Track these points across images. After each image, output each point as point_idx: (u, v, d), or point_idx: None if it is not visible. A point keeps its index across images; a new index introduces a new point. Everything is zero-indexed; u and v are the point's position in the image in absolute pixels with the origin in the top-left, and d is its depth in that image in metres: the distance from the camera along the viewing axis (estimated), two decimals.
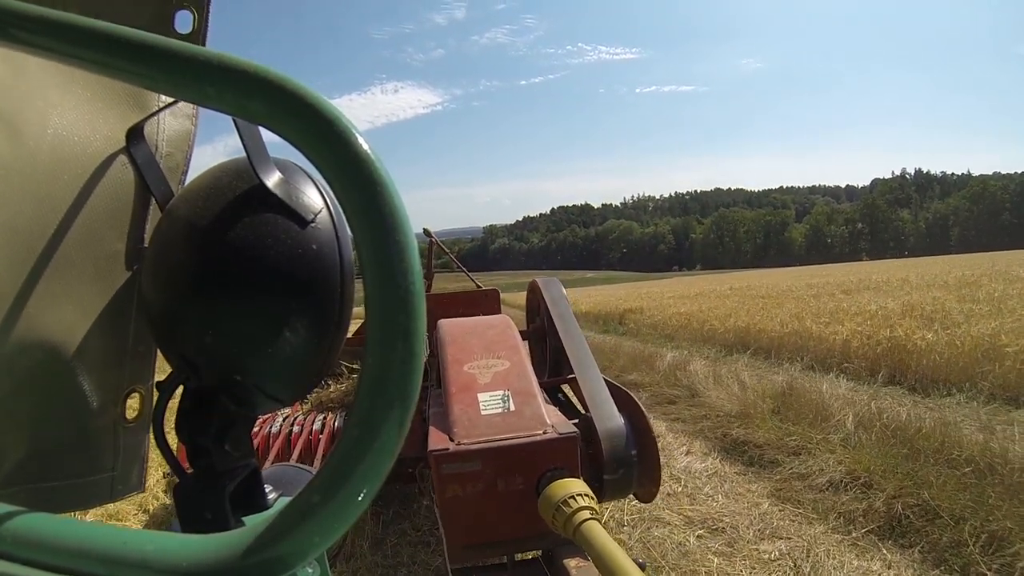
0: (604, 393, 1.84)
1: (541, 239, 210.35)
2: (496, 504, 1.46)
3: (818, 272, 34.39)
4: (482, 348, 1.87)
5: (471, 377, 1.73)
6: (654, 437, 1.72)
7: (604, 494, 1.72)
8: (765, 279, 27.81)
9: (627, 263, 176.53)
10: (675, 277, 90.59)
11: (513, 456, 1.45)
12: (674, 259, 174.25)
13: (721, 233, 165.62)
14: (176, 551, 0.32)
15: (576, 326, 2.26)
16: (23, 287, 0.47)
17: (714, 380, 5.48)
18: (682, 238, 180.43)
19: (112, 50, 0.34)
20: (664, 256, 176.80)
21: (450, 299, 3.66)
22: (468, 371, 1.75)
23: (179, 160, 0.64)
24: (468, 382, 1.70)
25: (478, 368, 1.77)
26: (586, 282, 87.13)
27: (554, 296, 2.46)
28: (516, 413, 1.58)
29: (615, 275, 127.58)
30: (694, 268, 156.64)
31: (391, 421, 0.30)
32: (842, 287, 14.01)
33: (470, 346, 1.88)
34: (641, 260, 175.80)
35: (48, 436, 0.53)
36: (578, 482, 1.38)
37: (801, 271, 44.17)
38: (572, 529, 1.23)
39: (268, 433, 3.06)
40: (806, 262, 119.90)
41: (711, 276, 62.54)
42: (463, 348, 1.87)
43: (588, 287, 52.30)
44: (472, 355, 1.83)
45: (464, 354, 1.83)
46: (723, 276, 53.83)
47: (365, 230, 0.30)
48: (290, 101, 0.31)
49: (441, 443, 1.47)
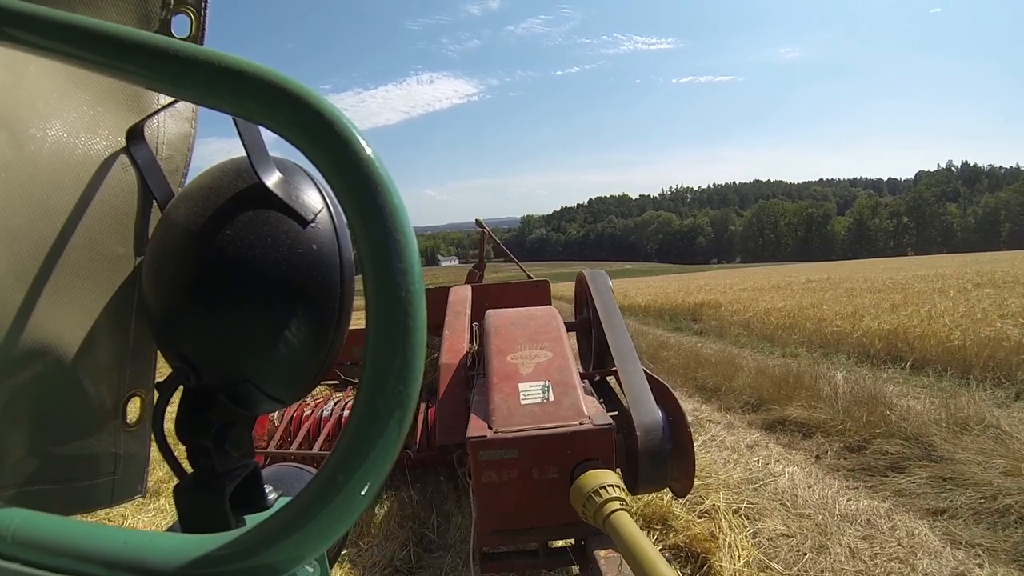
0: (643, 386, 1.87)
1: (578, 230, 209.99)
2: (530, 492, 1.51)
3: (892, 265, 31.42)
4: (526, 339, 1.92)
5: (513, 367, 1.78)
6: (690, 432, 1.74)
7: (638, 486, 1.77)
8: (839, 271, 24.75)
9: (665, 255, 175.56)
10: (718, 269, 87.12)
11: (549, 445, 1.50)
12: (712, 251, 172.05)
13: (762, 225, 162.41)
14: (176, 551, 0.32)
15: (620, 318, 2.29)
16: (24, 290, 0.47)
17: (954, 426, 3.32)
18: (721, 230, 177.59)
19: (113, 50, 0.34)
20: (703, 248, 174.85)
21: (501, 289, 3.72)
22: (511, 361, 1.81)
23: (179, 163, 0.64)
24: (510, 372, 1.76)
25: (521, 358, 1.82)
26: (624, 273, 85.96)
27: (599, 288, 2.49)
28: (555, 403, 1.62)
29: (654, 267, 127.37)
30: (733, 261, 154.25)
31: (391, 421, 0.30)
32: (969, 280, 11.80)
33: (514, 336, 1.94)
34: (680, 252, 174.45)
35: (49, 439, 0.53)
36: (610, 473, 1.42)
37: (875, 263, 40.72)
38: (602, 519, 1.26)
39: (320, 417, 3.22)
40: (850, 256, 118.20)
41: (757, 269, 58.29)
42: (507, 338, 1.93)
43: (628, 278, 50.26)
44: (516, 345, 1.88)
45: (508, 344, 1.90)
46: (768, 269, 49.92)
47: (365, 230, 0.30)
48: (290, 101, 0.31)
49: (479, 430, 1.54)
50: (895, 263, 38.07)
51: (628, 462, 1.80)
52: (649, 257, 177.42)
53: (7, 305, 0.46)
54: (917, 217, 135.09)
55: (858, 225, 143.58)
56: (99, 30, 0.35)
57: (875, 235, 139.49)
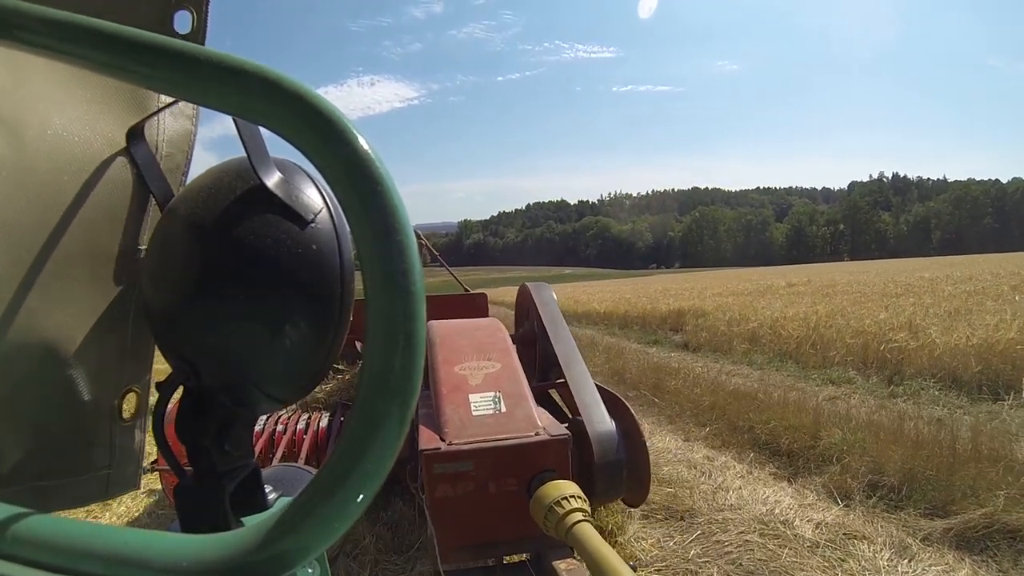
0: (595, 397, 1.88)
1: (517, 234, 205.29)
2: (487, 505, 1.47)
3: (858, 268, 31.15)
4: (473, 350, 1.91)
5: (462, 378, 1.76)
6: (644, 442, 1.77)
7: (595, 497, 1.73)
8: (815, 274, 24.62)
9: (604, 260, 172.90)
10: (658, 274, 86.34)
11: (505, 457, 1.47)
12: (652, 257, 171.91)
13: (701, 231, 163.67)
14: (176, 551, 0.32)
15: (567, 330, 2.28)
16: (22, 287, 0.46)
17: None
18: (660, 235, 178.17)
19: (113, 49, 0.34)
20: (642, 253, 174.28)
21: (439, 302, 3.65)
22: (459, 372, 1.79)
23: (179, 161, 0.64)
24: (459, 383, 1.74)
25: (469, 369, 1.80)
26: (564, 278, 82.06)
27: (544, 300, 2.50)
28: (507, 415, 1.61)
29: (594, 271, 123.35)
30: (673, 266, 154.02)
31: (391, 421, 0.30)
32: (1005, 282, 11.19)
33: (460, 347, 1.92)
34: (619, 257, 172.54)
35: (45, 435, 0.52)
36: (570, 484, 1.40)
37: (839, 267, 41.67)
38: (564, 530, 1.25)
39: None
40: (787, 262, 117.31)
41: (703, 274, 58.59)
42: (453, 349, 1.91)
43: (572, 283, 48.02)
44: (463, 356, 1.87)
45: (455, 355, 1.88)
46: (713, 274, 50.70)
47: (365, 230, 0.30)
48: (289, 100, 0.31)
49: (432, 443, 1.48)
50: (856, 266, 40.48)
51: (582, 473, 1.74)
52: (588, 262, 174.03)
53: (5, 302, 0.45)
54: (852, 224, 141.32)
55: (796, 232, 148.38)
56: (99, 29, 0.34)
57: (813, 241, 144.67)
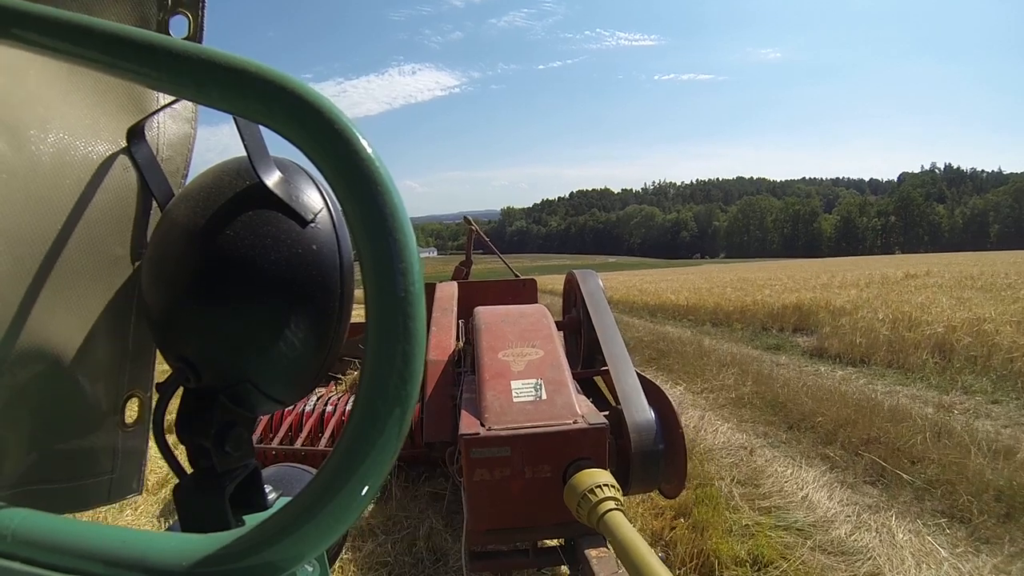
0: (636, 387, 1.85)
1: (560, 223, 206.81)
2: (522, 490, 1.49)
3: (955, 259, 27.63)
4: (517, 336, 1.91)
5: (505, 364, 1.76)
6: (682, 433, 1.72)
7: (630, 487, 1.73)
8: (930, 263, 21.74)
9: (647, 249, 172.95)
10: (705, 264, 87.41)
11: (542, 444, 1.48)
12: (696, 247, 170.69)
13: (747, 221, 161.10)
14: (176, 551, 0.32)
15: (611, 318, 2.24)
16: (25, 292, 0.46)
17: None
18: (705, 225, 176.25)
19: (114, 48, 0.34)
20: (686, 243, 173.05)
21: (488, 287, 3.63)
22: (502, 358, 1.79)
23: (179, 164, 0.64)
24: (502, 369, 1.74)
25: (512, 356, 1.80)
26: (608, 267, 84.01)
27: (590, 288, 2.46)
28: (548, 402, 1.60)
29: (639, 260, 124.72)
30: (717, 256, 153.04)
31: (391, 421, 0.29)
32: None
33: (505, 334, 1.92)
34: (663, 247, 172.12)
35: (48, 439, 0.52)
36: (604, 473, 1.39)
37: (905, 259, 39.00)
38: (596, 519, 1.25)
39: (301, 412, 3.32)
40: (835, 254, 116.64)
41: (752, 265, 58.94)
42: (498, 336, 1.91)
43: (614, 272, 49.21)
44: (507, 343, 1.87)
45: (499, 341, 1.88)
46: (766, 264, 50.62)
47: (365, 230, 0.29)
48: (290, 100, 0.30)
49: (472, 428, 1.51)
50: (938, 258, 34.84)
51: (619, 462, 1.76)
52: (632, 251, 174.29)
53: (7, 305, 0.45)
54: (905, 216, 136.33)
55: (845, 223, 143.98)
56: (100, 29, 0.35)
57: (863, 233, 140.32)
